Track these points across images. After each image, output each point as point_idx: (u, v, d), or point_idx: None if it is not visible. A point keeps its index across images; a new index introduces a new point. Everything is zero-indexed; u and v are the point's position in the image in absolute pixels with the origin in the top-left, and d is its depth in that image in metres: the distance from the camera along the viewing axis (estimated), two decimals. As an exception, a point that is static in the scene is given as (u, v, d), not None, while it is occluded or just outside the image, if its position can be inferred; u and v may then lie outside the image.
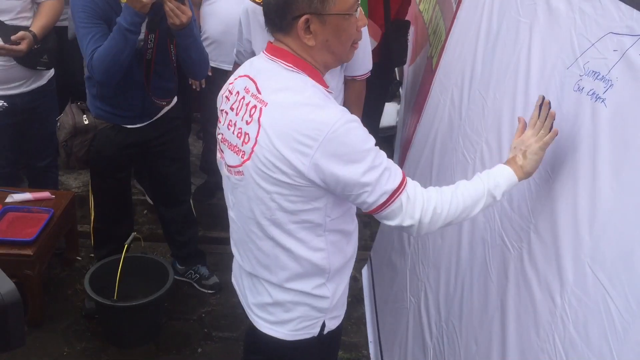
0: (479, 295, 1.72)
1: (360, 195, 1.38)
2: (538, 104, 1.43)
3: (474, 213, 1.45)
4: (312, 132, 1.31)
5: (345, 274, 1.65)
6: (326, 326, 1.66)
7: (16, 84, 2.81)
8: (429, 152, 2.45)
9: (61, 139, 2.59)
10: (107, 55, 2.32)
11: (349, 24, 1.40)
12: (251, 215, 1.50)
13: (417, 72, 3.64)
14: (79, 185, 3.75)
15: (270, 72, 1.44)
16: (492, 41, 1.98)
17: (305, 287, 1.58)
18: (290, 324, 1.62)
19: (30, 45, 2.71)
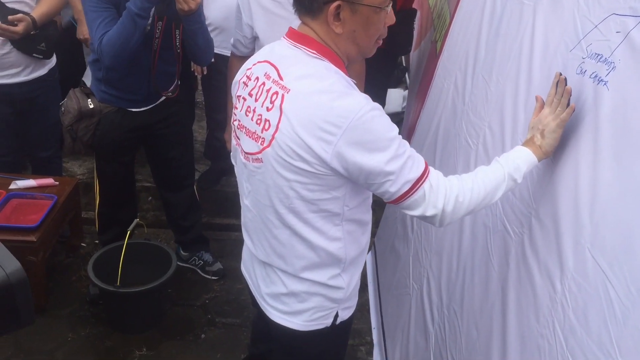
0: (480, 281, 1.71)
1: (383, 185, 1.35)
2: (555, 82, 1.39)
3: (495, 198, 1.43)
4: (336, 120, 1.29)
5: (359, 265, 1.64)
6: (339, 316, 1.65)
7: (14, 72, 2.80)
8: (432, 138, 2.43)
9: (66, 123, 2.58)
10: (116, 40, 2.32)
11: (378, 18, 1.37)
12: (269, 203, 1.48)
13: (422, 57, 3.61)
14: (84, 172, 3.75)
15: (293, 58, 1.41)
16: (496, 24, 1.95)
17: (320, 278, 1.56)
18: (304, 315, 1.61)
19: (28, 29, 2.69)
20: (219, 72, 3.11)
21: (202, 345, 2.73)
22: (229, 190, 3.69)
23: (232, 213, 3.47)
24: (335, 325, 1.65)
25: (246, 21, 2.49)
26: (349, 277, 1.61)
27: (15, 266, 0.77)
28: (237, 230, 3.41)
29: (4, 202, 2.77)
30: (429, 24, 3.63)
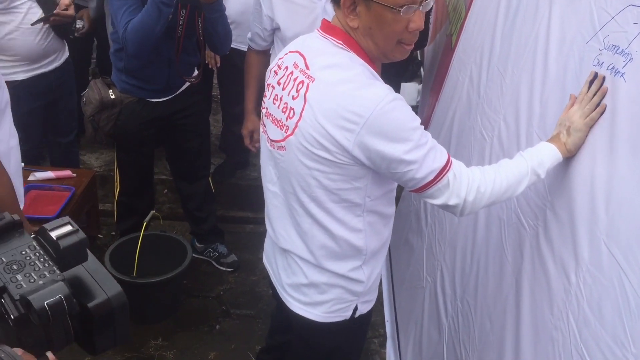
0: (494, 273, 1.71)
1: (407, 173, 1.36)
2: (588, 80, 1.36)
3: (518, 192, 1.43)
4: (359, 109, 1.31)
5: (380, 258, 1.65)
6: (358, 310, 1.66)
7: (51, 59, 2.89)
8: (447, 131, 2.42)
9: (88, 114, 2.62)
10: (140, 28, 2.35)
11: (394, 18, 1.35)
12: (292, 190, 1.51)
13: (437, 51, 3.59)
14: (101, 164, 3.80)
15: (321, 48, 1.44)
16: (512, 17, 1.93)
17: (341, 269, 1.57)
18: (323, 306, 1.62)
19: (74, 11, 2.82)
20: (235, 66, 3.12)
21: (216, 336, 2.76)
22: (244, 184, 3.71)
23: (247, 206, 3.49)
24: (354, 319, 1.66)
25: (266, 13, 2.49)
26: (370, 270, 1.62)
27: (117, 290, 0.79)
28: (251, 223, 3.46)
29: (23, 193, 2.80)
30: (444, 17, 3.61)
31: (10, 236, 0.79)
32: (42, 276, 0.74)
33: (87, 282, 0.79)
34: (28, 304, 0.72)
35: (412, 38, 1.41)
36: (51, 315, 0.72)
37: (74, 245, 0.77)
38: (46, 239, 0.78)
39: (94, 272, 0.80)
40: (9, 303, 0.73)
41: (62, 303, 0.72)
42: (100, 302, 0.77)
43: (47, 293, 0.72)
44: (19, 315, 0.73)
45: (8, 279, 0.74)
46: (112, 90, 2.64)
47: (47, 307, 0.71)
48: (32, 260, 0.76)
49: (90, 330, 0.79)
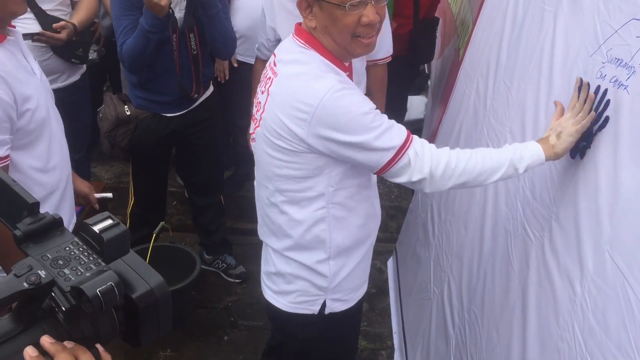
0: (501, 284, 1.72)
1: (364, 157, 1.42)
2: (576, 87, 1.41)
3: (491, 179, 1.45)
4: (308, 99, 1.39)
5: (353, 257, 1.67)
6: (327, 306, 1.69)
7: (51, 78, 2.88)
8: (453, 143, 2.44)
9: (104, 129, 2.67)
10: (132, 51, 2.45)
11: (343, 14, 1.41)
12: (262, 181, 1.61)
13: (445, 65, 3.62)
14: (111, 177, 3.83)
15: (288, 48, 1.54)
16: (517, 30, 1.96)
17: (306, 260, 1.63)
18: (289, 296, 1.69)
19: (70, 36, 2.79)
20: (244, 79, 3.16)
21: (224, 347, 2.77)
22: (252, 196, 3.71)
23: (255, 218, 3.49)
24: (325, 315, 1.69)
25: (270, 24, 2.55)
26: (338, 267, 1.64)
27: (159, 280, 0.81)
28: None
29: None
30: (452, 31, 3.64)
31: (52, 234, 0.81)
32: (89, 269, 0.76)
33: (129, 274, 0.80)
34: (80, 294, 0.73)
35: (368, 31, 1.45)
36: (104, 302, 0.73)
37: (116, 237, 0.79)
38: (89, 233, 0.79)
39: (134, 264, 0.82)
40: (60, 296, 0.75)
41: (113, 290, 0.74)
42: (143, 292, 0.79)
43: (98, 281, 0.74)
44: (70, 306, 0.75)
45: (56, 274, 0.75)
46: (127, 106, 2.69)
47: (99, 294, 0.73)
48: (77, 255, 0.78)
49: (135, 322, 0.80)
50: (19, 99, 1.69)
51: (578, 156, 1.41)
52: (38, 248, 0.79)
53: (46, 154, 1.84)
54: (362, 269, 1.73)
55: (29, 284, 0.74)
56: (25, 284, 0.74)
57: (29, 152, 1.80)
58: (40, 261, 0.77)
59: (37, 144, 1.81)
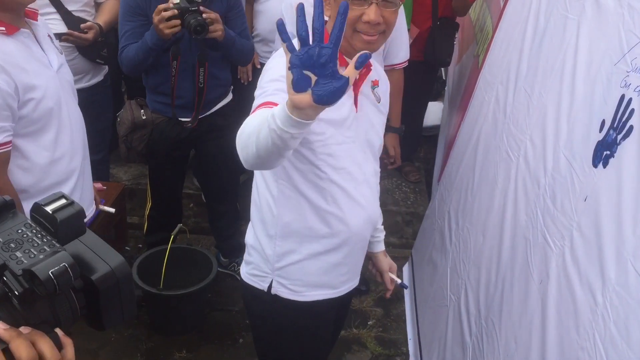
0: (520, 293, 1.71)
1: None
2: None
3: (261, 140, 1.25)
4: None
5: (305, 247, 1.66)
6: (273, 287, 1.71)
7: (77, 78, 2.93)
8: (472, 150, 2.43)
9: (121, 133, 2.70)
10: (132, 59, 2.52)
11: (350, 5, 1.44)
12: None
13: (463, 71, 3.61)
14: (129, 178, 3.87)
15: None
16: (539, 38, 1.95)
17: (260, 233, 1.69)
18: (248, 267, 1.77)
19: (96, 36, 2.84)
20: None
21: (240, 349, 2.78)
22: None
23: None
24: (272, 295, 1.71)
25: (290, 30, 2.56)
26: (284, 249, 1.66)
27: (120, 260, 0.79)
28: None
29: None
30: (471, 38, 3.63)
31: (3, 217, 0.78)
32: (42, 250, 0.74)
33: (87, 255, 0.78)
34: (32, 276, 0.70)
35: (368, 29, 1.50)
36: (57, 284, 0.70)
37: (71, 217, 0.76)
38: (42, 214, 0.76)
39: (93, 245, 0.79)
40: (12, 280, 0.73)
41: (67, 271, 0.71)
42: (104, 273, 0.76)
43: (51, 262, 0.71)
44: (23, 290, 0.72)
45: (7, 257, 0.73)
46: (144, 110, 2.72)
47: (52, 275, 0.70)
48: (30, 237, 0.75)
49: (97, 304, 0.77)
50: (21, 88, 1.76)
51: (601, 165, 1.40)
52: None
53: (53, 144, 1.90)
54: (321, 269, 1.70)
55: None
56: None
57: (35, 140, 1.87)
58: None
59: (43, 133, 1.87)
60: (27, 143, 1.85)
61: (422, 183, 4.01)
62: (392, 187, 3.94)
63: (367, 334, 2.94)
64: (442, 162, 3.27)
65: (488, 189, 2.11)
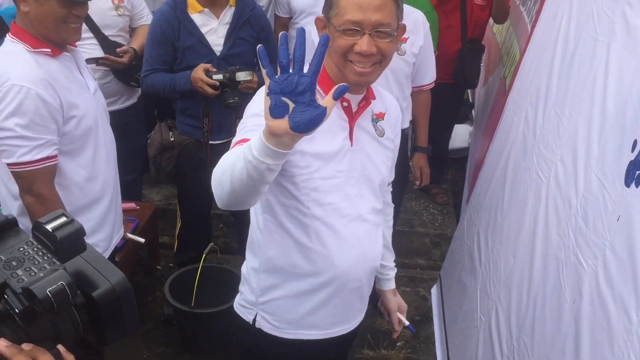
0: (552, 313, 1.70)
1: None
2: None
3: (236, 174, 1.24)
4: None
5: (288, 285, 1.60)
6: (257, 320, 1.66)
7: (111, 100, 3.04)
8: (501, 172, 2.44)
9: (151, 154, 2.78)
10: (156, 89, 2.66)
11: (339, 35, 1.47)
12: None
13: (489, 93, 3.64)
14: (160, 198, 3.95)
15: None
16: (568, 60, 1.97)
17: (250, 263, 1.66)
18: (239, 296, 1.74)
19: (131, 60, 2.94)
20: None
21: (268, 369, 2.79)
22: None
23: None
24: (256, 328, 1.66)
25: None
26: (267, 284, 1.62)
27: (120, 276, 0.80)
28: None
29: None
30: (498, 60, 3.66)
31: (6, 235, 0.80)
32: (42, 268, 0.75)
33: (88, 272, 0.79)
34: (31, 295, 0.72)
35: (360, 60, 1.46)
36: (55, 302, 0.72)
37: (71, 235, 0.77)
38: (42, 232, 0.78)
39: (94, 261, 0.81)
40: (13, 298, 0.74)
41: (64, 290, 0.72)
42: (104, 290, 0.78)
43: (49, 281, 0.73)
44: (23, 308, 0.73)
45: (9, 275, 0.74)
46: (172, 132, 2.80)
47: (49, 294, 0.72)
48: (31, 255, 0.77)
49: (98, 320, 0.78)
50: (66, 105, 1.86)
51: (633, 185, 1.41)
52: None
53: (90, 163, 1.98)
54: (305, 308, 1.63)
55: None
56: None
57: (74, 159, 1.94)
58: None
59: (82, 152, 1.95)
60: (67, 160, 1.93)
61: (449, 205, 4.01)
62: (420, 209, 3.95)
63: (395, 355, 2.94)
64: (470, 183, 3.28)
65: (518, 209, 2.12)
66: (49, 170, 1.86)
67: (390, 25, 1.46)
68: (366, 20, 1.43)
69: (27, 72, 1.79)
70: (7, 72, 1.77)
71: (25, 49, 1.84)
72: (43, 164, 1.82)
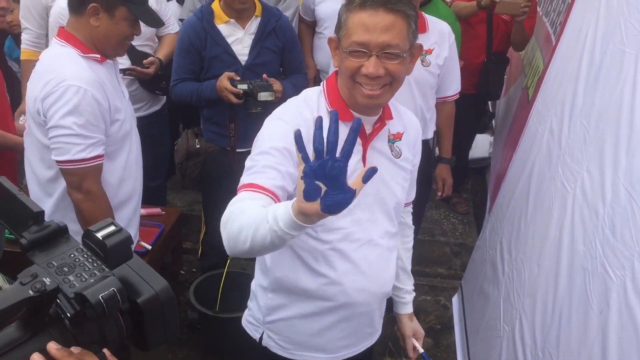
0: (578, 323, 1.71)
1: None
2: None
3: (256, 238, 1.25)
4: None
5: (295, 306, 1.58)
6: (264, 339, 1.66)
7: (136, 107, 3.10)
8: (525, 182, 2.45)
9: (177, 161, 2.84)
10: (184, 97, 2.73)
11: (346, 56, 1.44)
12: None
13: (511, 104, 3.64)
14: (184, 204, 4.00)
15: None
16: (595, 72, 1.99)
17: (259, 281, 1.65)
18: (247, 312, 1.73)
19: (157, 70, 3.01)
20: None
21: (290, 374, 2.81)
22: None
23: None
24: (263, 348, 1.66)
25: None
26: (275, 304, 1.61)
27: (164, 284, 0.83)
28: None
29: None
30: (519, 71, 3.67)
31: (57, 242, 0.83)
32: (93, 275, 0.78)
33: (134, 279, 0.82)
34: (83, 299, 0.75)
35: (368, 82, 1.43)
36: (106, 307, 0.75)
37: (119, 243, 0.80)
38: (93, 240, 0.81)
39: (139, 269, 0.84)
40: (64, 302, 0.78)
41: (115, 296, 0.76)
42: (148, 297, 0.81)
43: (101, 287, 0.76)
44: (74, 312, 0.77)
45: (61, 281, 0.78)
46: (198, 139, 2.85)
47: (102, 300, 0.75)
48: (81, 261, 0.80)
49: (142, 325, 0.82)
50: (112, 108, 1.95)
51: (662, 196, 1.42)
52: (44, 256, 0.81)
53: (124, 166, 2.06)
54: (312, 330, 1.61)
55: (34, 291, 0.76)
56: (31, 292, 0.75)
57: (112, 160, 2.03)
58: (45, 269, 0.79)
59: (119, 154, 2.03)
60: (105, 162, 2.01)
61: (470, 214, 4.02)
62: (441, 218, 3.96)
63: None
64: (492, 193, 3.29)
65: (543, 219, 2.13)
66: (98, 168, 1.94)
67: (399, 46, 1.41)
68: (373, 41, 1.40)
69: (82, 74, 1.88)
70: (63, 73, 1.86)
71: (76, 53, 1.93)
72: (95, 162, 1.92)
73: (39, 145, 1.96)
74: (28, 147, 2.04)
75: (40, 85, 1.86)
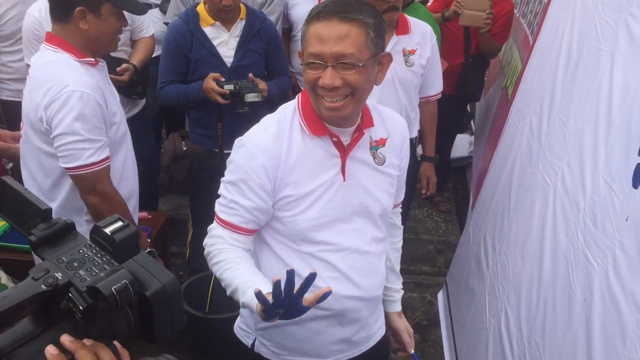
0: (563, 311, 1.77)
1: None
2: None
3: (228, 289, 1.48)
4: None
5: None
6: (256, 345, 1.67)
7: None
8: (506, 178, 2.52)
9: (164, 164, 2.85)
10: (171, 100, 2.74)
11: (305, 69, 1.45)
12: None
13: (490, 103, 3.72)
14: (169, 209, 4.00)
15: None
16: (572, 69, 2.06)
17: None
18: (239, 319, 1.75)
19: (131, 77, 3.00)
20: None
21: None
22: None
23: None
24: (255, 354, 1.67)
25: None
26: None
27: (170, 277, 0.85)
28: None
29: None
30: (498, 72, 3.76)
31: (65, 238, 0.85)
32: (103, 269, 0.81)
33: (141, 273, 0.84)
34: (96, 292, 0.77)
35: (326, 93, 1.42)
36: (119, 299, 0.77)
37: (127, 237, 0.83)
38: (101, 235, 0.83)
39: (145, 263, 0.86)
40: (76, 296, 0.79)
41: (128, 288, 0.78)
42: (156, 290, 0.82)
43: (113, 280, 0.78)
44: (87, 306, 0.79)
45: (72, 275, 0.80)
46: (185, 142, 2.86)
47: (115, 292, 0.77)
48: (91, 256, 0.82)
49: (149, 318, 0.84)
50: (110, 111, 1.98)
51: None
52: (53, 252, 0.83)
53: (121, 167, 2.08)
54: (303, 336, 1.63)
55: (47, 286, 0.78)
56: (43, 286, 0.77)
57: (111, 160, 2.02)
58: (56, 264, 0.81)
59: (117, 155, 2.06)
60: None
61: (452, 213, 4.09)
62: (424, 217, 4.02)
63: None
64: (474, 190, 3.35)
65: (525, 214, 2.19)
66: (107, 169, 1.97)
67: (354, 55, 1.38)
68: (327, 52, 1.37)
69: (82, 79, 1.89)
70: (64, 79, 1.86)
71: (71, 58, 1.94)
72: (105, 163, 1.95)
73: (38, 153, 1.97)
74: (26, 155, 2.04)
75: (42, 93, 1.85)
